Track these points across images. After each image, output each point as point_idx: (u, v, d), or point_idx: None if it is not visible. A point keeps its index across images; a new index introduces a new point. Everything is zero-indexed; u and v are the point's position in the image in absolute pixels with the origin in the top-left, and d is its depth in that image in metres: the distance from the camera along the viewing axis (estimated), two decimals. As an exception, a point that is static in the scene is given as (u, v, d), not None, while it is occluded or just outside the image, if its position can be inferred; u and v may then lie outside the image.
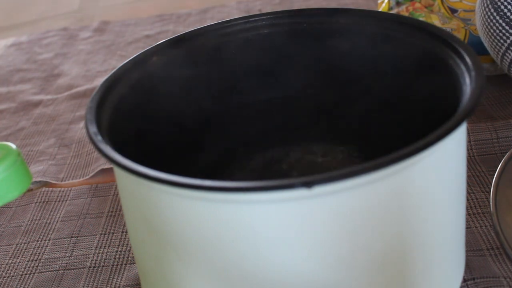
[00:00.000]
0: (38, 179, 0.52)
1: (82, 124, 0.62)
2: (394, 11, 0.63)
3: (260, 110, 0.40)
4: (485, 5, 0.47)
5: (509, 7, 0.45)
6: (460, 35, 0.56)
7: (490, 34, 0.47)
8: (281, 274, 0.25)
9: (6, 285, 0.40)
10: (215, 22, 0.38)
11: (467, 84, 0.27)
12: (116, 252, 0.42)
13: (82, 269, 0.40)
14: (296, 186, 0.21)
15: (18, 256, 0.43)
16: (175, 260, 0.27)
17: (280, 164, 0.42)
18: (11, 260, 0.42)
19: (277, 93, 0.39)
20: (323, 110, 0.39)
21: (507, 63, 0.47)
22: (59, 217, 0.46)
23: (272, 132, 0.41)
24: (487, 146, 0.45)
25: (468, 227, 0.38)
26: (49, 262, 0.42)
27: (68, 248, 0.43)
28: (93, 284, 0.39)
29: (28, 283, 0.40)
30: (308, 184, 0.21)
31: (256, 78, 0.38)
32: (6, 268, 0.42)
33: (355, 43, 0.35)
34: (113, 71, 0.33)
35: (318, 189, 0.22)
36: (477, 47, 0.54)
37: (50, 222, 0.46)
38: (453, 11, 0.60)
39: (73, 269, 0.40)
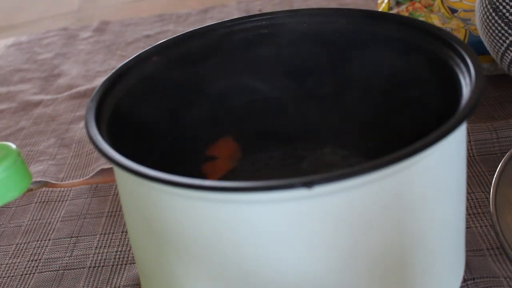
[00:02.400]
0: (38, 179, 0.52)
1: (82, 124, 0.62)
2: (394, 11, 0.63)
3: (259, 110, 0.40)
4: (484, 5, 0.47)
5: (507, 7, 0.45)
6: (460, 35, 0.56)
7: (489, 34, 0.47)
8: (281, 274, 0.25)
9: (6, 285, 0.40)
10: (215, 22, 0.38)
11: (467, 84, 0.27)
12: (116, 252, 0.42)
13: (82, 269, 0.40)
14: (296, 186, 0.21)
15: (18, 256, 0.43)
16: (175, 260, 0.27)
17: (280, 164, 0.42)
18: (11, 260, 0.42)
19: (276, 93, 0.39)
20: (322, 110, 0.39)
21: (507, 63, 0.47)
22: (59, 217, 0.46)
23: (271, 132, 0.41)
24: (487, 146, 0.45)
25: (468, 227, 0.38)
26: (49, 262, 0.42)
27: (68, 248, 0.43)
28: (93, 284, 0.39)
29: (28, 283, 0.40)
30: (308, 184, 0.21)
31: (255, 78, 0.38)
32: (6, 268, 0.42)
33: (354, 43, 0.35)
34: (113, 71, 0.33)
35: (318, 189, 0.22)
36: (477, 47, 0.54)
37: (50, 222, 0.46)
38: (453, 11, 0.60)
39: (73, 269, 0.40)
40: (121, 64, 0.33)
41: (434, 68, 0.31)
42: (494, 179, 0.38)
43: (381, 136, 0.37)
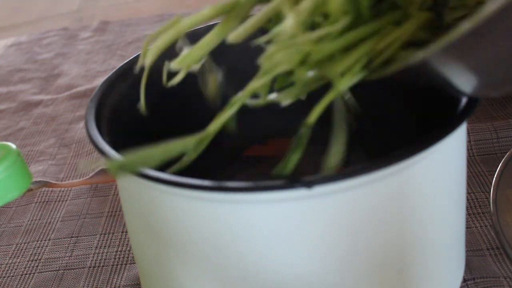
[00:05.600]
0: (38, 179, 0.52)
1: (82, 124, 0.62)
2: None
3: (259, 110, 0.40)
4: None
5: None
6: (460, 35, 0.56)
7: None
8: (281, 274, 0.25)
9: (6, 285, 0.40)
10: (215, 22, 0.38)
11: (467, 84, 0.27)
12: (116, 252, 0.42)
13: (82, 269, 0.40)
14: (296, 186, 0.21)
15: (18, 256, 0.43)
16: (175, 260, 0.27)
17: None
18: (11, 260, 0.42)
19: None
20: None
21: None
22: (59, 217, 0.46)
23: (271, 132, 0.41)
24: (487, 146, 0.45)
25: (468, 227, 0.38)
26: (49, 262, 0.42)
27: (68, 248, 0.43)
28: (93, 284, 0.39)
29: (28, 283, 0.40)
30: (308, 184, 0.21)
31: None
32: (6, 268, 0.42)
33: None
34: (113, 71, 0.33)
35: (318, 189, 0.22)
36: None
37: (50, 222, 0.46)
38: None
39: (73, 269, 0.40)
40: (121, 64, 0.33)
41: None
42: (494, 179, 0.38)
43: (381, 135, 0.37)
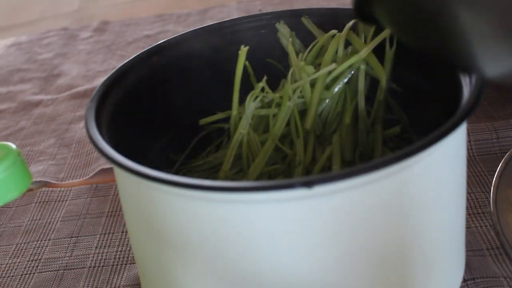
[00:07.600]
0: (38, 179, 0.52)
1: (82, 124, 0.62)
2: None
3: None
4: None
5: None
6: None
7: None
8: (281, 274, 0.25)
9: (6, 285, 0.40)
10: (215, 22, 0.38)
11: (467, 84, 0.27)
12: (116, 252, 0.42)
13: (82, 269, 0.40)
14: (296, 186, 0.21)
15: (18, 256, 0.43)
16: (175, 260, 0.27)
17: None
18: (11, 260, 0.42)
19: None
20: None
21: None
22: (59, 217, 0.46)
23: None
24: (487, 146, 0.45)
25: (468, 227, 0.38)
26: (49, 262, 0.42)
27: (68, 248, 0.43)
28: (93, 284, 0.39)
29: (28, 283, 0.40)
30: (308, 184, 0.21)
31: (256, 78, 0.38)
32: (6, 268, 0.42)
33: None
34: (113, 71, 0.33)
35: (318, 189, 0.22)
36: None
37: (50, 222, 0.46)
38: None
39: (73, 269, 0.40)
40: (121, 64, 0.34)
41: (434, 67, 0.31)
42: (494, 179, 0.38)
43: (381, 136, 0.37)
